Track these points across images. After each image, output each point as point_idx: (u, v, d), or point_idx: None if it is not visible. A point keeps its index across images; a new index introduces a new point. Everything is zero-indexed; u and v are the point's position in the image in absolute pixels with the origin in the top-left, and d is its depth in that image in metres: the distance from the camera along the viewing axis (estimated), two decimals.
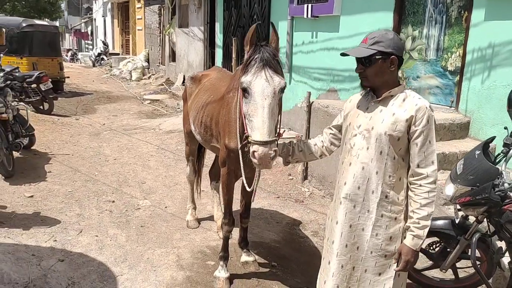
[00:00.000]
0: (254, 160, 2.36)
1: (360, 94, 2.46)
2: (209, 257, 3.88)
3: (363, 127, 2.25)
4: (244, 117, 2.48)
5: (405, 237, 2.25)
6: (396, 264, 2.29)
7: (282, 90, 2.49)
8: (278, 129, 2.57)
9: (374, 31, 2.30)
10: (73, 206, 4.85)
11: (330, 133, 2.62)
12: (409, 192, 2.24)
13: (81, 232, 4.23)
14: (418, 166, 2.17)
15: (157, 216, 4.71)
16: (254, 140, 2.34)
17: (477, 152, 2.73)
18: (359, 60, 2.22)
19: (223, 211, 3.49)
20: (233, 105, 2.98)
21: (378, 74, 2.20)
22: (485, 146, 2.84)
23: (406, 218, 2.27)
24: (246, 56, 2.54)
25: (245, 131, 2.47)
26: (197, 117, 3.68)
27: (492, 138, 2.93)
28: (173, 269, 3.66)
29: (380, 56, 2.16)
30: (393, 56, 2.18)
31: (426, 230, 2.18)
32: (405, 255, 2.21)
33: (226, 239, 3.49)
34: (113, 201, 5.05)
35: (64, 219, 4.48)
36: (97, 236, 4.17)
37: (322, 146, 2.63)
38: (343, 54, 2.30)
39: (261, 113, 2.36)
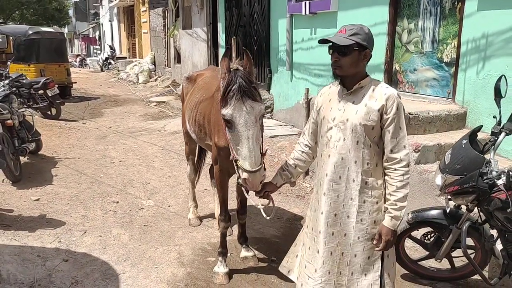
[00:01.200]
0: (245, 185, 2.54)
1: (329, 88, 2.51)
2: (210, 254, 3.95)
3: (338, 120, 2.33)
4: (229, 141, 2.61)
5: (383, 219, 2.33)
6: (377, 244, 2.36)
7: (262, 115, 2.64)
8: (261, 150, 2.66)
9: (369, 25, 2.36)
10: (78, 207, 4.96)
11: (311, 132, 2.63)
12: (385, 177, 2.33)
13: (85, 232, 4.34)
14: (391, 152, 2.27)
15: (160, 215, 4.80)
16: (244, 169, 2.49)
17: (464, 142, 2.77)
18: (335, 49, 2.26)
19: (219, 208, 3.56)
20: None
21: (353, 65, 2.26)
22: (472, 135, 2.88)
23: (385, 201, 2.36)
24: (222, 84, 2.61)
25: (232, 155, 2.61)
26: (191, 116, 3.76)
27: (480, 127, 2.96)
28: (174, 266, 3.74)
29: (357, 48, 2.23)
30: (367, 50, 2.27)
31: (403, 210, 2.29)
32: (385, 235, 2.30)
33: (223, 235, 3.56)
34: (117, 202, 5.15)
35: (69, 221, 4.59)
36: (100, 236, 4.27)
37: (310, 149, 2.65)
38: (323, 41, 2.32)
39: (247, 144, 2.50)
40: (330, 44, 2.27)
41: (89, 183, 5.81)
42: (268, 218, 2.79)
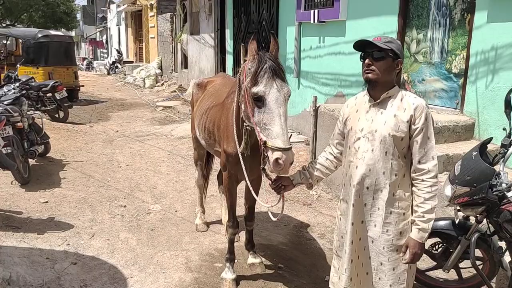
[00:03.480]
0: (277, 167, 2.44)
1: (355, 98, 2.55)
2: (217, 260, 3.97)
3: (366, 130, 2.34)
4: (256, 125, 2.55)
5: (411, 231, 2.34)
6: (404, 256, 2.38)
7: (289, 97, 2.62)
8: None
9: (379, 35, 2.40)
10: (86, 211, 4.99)
11: (337, 142, 2.65)
12: (413, 188, 2.34)
13: (93, 236, 4.37)
14: (419, 162, 2.27)
15: (167, 220, 4.82)
16: (277, 147, 2.43)
17: (474, 153, 2.78)
18: (369, 53, 2.29)
19: (227, 214, 3.58)
20: (231, 111, 3.08)
21: (386, 71, 2.29)
22: (483, 147, 2.89)
23: (413, 212, 2.36)
24: (252, 66, 2.62)
25: (260, 138, 2.53)
26: (201, 122, 3.80)
27: (490, 139, 2.97)
28: (181, 271, 3.76)
29: (392, 55, 2.26)
30: (400, 59, 2.31)
31: (431, 223, 2.29)
32: (412, 248, 2.30)
33: (231, 241, 3.58)
34: (125, 206, 5.18)
35: (77, 224, 4.62)
36: (108, 240, 4.29)
37: (334, 158, 2.67)
38: (358, 45, 2.33)
39: (279, 121, 2.47)
40: (361, 53, 2.32)
41: (96, 186, 5.85)
42: (274, 219, 2.82)
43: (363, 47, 2.32)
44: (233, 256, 3.61)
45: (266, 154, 2.51)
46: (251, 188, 2.98)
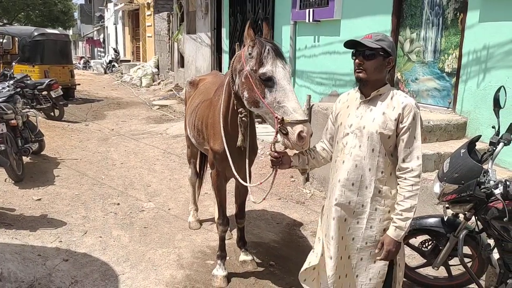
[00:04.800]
0: (300, 141, 2.41)
1: (347, 94, 2.56)
2: (209, 257, 3.98)
3: (355, 126, 2.35)
4: (269, 106, 2.51)
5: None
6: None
7: (290, 77, 2.66)
8: None
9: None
10: (79, 208, 4.99)
11: (329, 137, 2.65)
12: (397, 186, 2.34)
13: (85, 233, 4.37)
14: (403, 161, 2.28)
15: (160, 218, 4.83)
16: (297, 120, 2.42)
17: (462, 151, 2.80)
18: (360, 52, 2.29)
19: (217, 212, 3.60)
20: (218, 107, 3.09)
21: (377, 70, 2.29)
22: (471, 145, 2.91)
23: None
24: (253, 50, 2.63)
25: (276, 117, 2.46)
26: (190, 120, 3.81)
27: (478, 137, 2.99)
28: (173, 268, 3.76)
29: (383, 53, 2.27)
30: (391, 57, 2.31)
31: (409, 222, 2.28)
32: (387, 245, 2.31)
33: (222, 239, 3.60)
34: (118, 204, 5.18)
35: (70, 221, 4.62)
36: (101, 237, 4.30)
37: (328, 152, 2.68)
38: (348, 44, 2.34)
39: (292, 96, 2.49)
40: (353, 50, 2.32)
41: (90, 184, 5.85)
42: (255, 201, 2.89)
43: (354, 45, 2.33)
44: (224, 253, 3.62)
45: (284, 131, 2.45)
46: (238, 178, 2.99)
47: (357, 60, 2.31)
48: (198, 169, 4.71)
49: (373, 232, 2.37)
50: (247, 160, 3.05)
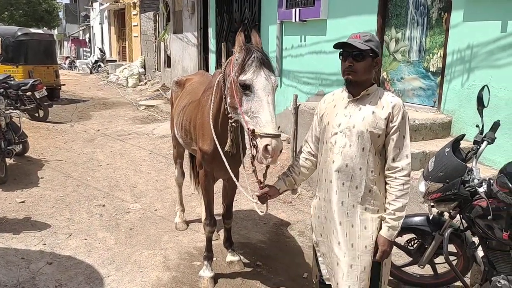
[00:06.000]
0: (266, 155, 2.39)
1: (333, 94, 2.55)
2: (195, 258, 3.95)
3: (344, 125, 2.33)
4: (244, 114, 2.52)
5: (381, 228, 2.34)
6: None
7: (276, 87, 2.61)
8: None
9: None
10: (64, 210, 4.93)
11: (314, 138, 2.61)
12: (386, 186, 2.35)
13: (70, 235, 4.31)
14: (393, 160, 2.28)
15: (147, 219, 4.79)
16: (265, 134, 2.39)
17: (447, 150, 2.82)
18: (349, 54, 2.28)
19: (205, 212, 3.57)
20: (207, 108, 3.07)
21: (367, 70, 2.29)
22: (456, 143, 2.93)
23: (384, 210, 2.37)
24: (239, 56, 2.60)
25: (247, 128, 2.49)
26: (178, 120, 3.78)
27: (462, 136, 3.01)
28: (159, 269, 3.73)
29: (372, 54, 2.27)
30: (379, 57, 2.32)
31: (401, 221, 2.30)
32: (381, 245, 2.31)
33: (209, 239, 3.57)
34: (104, 205, 5.12)
35: (54, 224, 4.56)
36: (86, 239, 4.24)
37: (313, 156, 2.62)
38: (339, 44, 2.32)
39: (267, 108, 2.45)
40: (340, 50, 2.31)
41: (75, 186, 5.77)
42: (261, 213, 2.79)
43: (343, 45, 2.32)
44: (211, 254, 3.60)
45: (254, 143, 2.45)
46: (235, 179, 2.98)
47: (347, 62, 2.29)
48: (190, 169, 4.65)
49: (368, 233, 2.33)
50: (229, 168, 2.93)
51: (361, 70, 2.27)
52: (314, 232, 2.62)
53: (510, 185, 2.42)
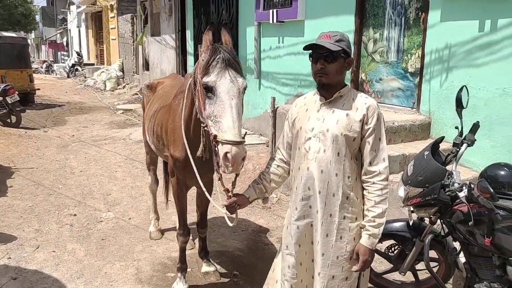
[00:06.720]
0: (226, 163, 2.24)
1: (304, 98, 2.42)
2: (169, 269, 3.78)
3: (317, 130, 2.20)
4: (207, 118, 2.37)
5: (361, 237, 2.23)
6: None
7: (244, 90, 2.44)
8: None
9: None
10: (32, 221, 4.70)
11: (286, 145, 2.47)
12: (364, 191, 2.23)
13: (37, 248, 4.10)
14: (370, 164, 2.17)
15: (120, 228, 4.60)
16: (226, 140, 2.23)
17: (426, 153, 2.72)
18: (321, 55, 2.15)
19: (178, 222, 3.41)
20: (179, 112, 2.91)
21: (339, 72, 2.18)
22: (435, 146, 2.83)
23: (363, 217, 2.25)
24: (204, 57, 2.44)
25: (210, 133, 2.35)
26: (149, 126, 3.61)
27: (442, 138, 2.92)
28: (131, 283, 3.56)
29: (343, 55, 2.15)
30: (351, 57, 2.21)
31: (382, 228, 2.18)
32: (362, 255, 2.18)
33: (182, 250, 3.41)
34: (75, 215, 4.92)
35: (21, 235, 4.34)
36: (54, 251, 4.04)
37: (285, 163, 2.50)
38: (309, 47, 2.21)
39: (230, 113, 2.28)
40: (310, 52, 2.19)
41: (46, 194, 5.54)
42: (231, 225, 2.59)
43: (313, 46, 2.20)
44: (185, 266, 3.44)
45: (216, 149, 2.30)
46: (205, 190, 2.80)
47: (318, 64, 2.17)
48: (164, 176, 4.48)
49: (343, 244, 2.22)
50: (198, 177, 2.76)
51: (333, 71, 2.15)
52: (284, 241, 2.48)
53: (491, 190, 2.33)
